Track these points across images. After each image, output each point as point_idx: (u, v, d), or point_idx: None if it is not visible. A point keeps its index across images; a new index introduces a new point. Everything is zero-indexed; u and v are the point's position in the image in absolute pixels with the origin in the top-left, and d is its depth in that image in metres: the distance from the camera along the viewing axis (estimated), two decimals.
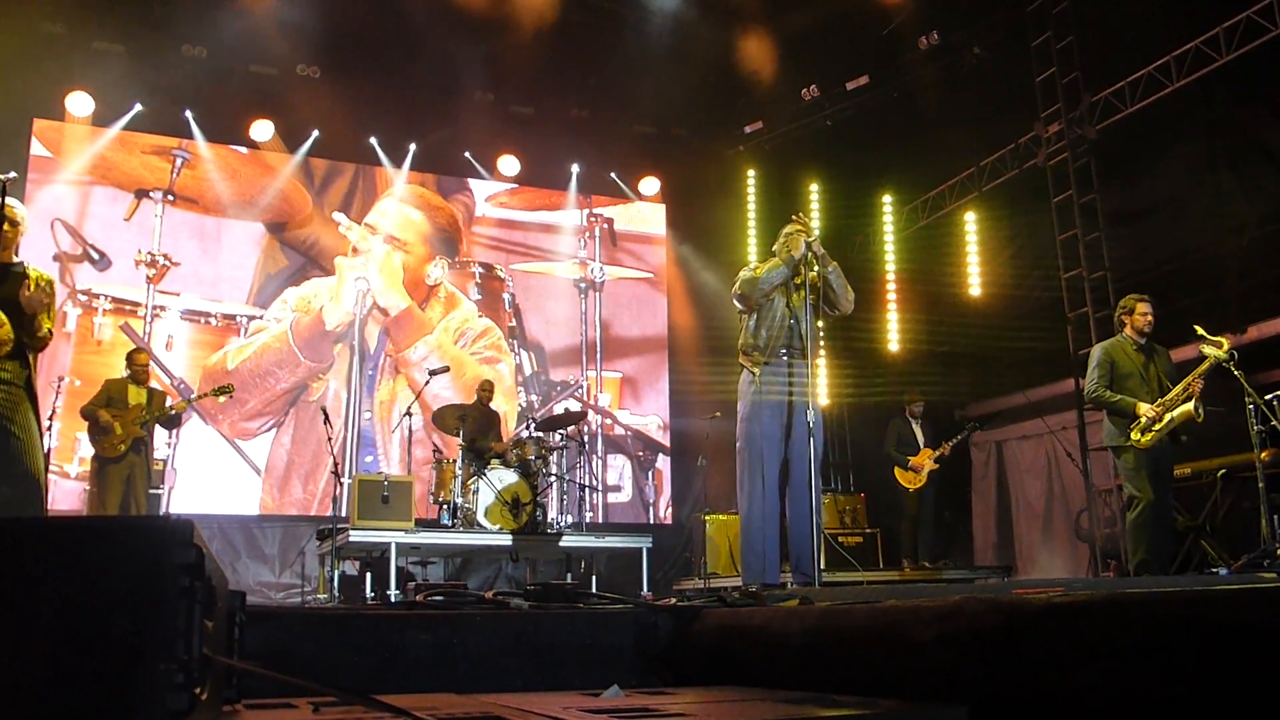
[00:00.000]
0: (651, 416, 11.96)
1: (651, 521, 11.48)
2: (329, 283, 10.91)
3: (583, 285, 12.08)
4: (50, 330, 4.77)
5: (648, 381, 12.10)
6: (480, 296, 11.49)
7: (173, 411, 8.34)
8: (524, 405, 11.35)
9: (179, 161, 10.56)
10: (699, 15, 10.09)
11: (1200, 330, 6.31)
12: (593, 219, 12.28)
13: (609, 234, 12.32)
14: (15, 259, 4.84)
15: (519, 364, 11.53)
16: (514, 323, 11.62)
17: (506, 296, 11.65)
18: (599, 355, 11.92)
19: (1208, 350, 6.23)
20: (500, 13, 9.91)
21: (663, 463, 11.86)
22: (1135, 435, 6.24)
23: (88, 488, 8.35)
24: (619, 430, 11.78)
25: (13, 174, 4.58)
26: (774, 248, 5.95)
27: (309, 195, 11.05)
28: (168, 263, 10.32)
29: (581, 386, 11.76)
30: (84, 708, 1.36)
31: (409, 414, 9.20)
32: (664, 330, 12.26)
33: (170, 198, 10.47)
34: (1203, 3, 8.24)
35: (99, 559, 1.44)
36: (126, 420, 7.85)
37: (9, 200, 4.56)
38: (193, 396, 8.96)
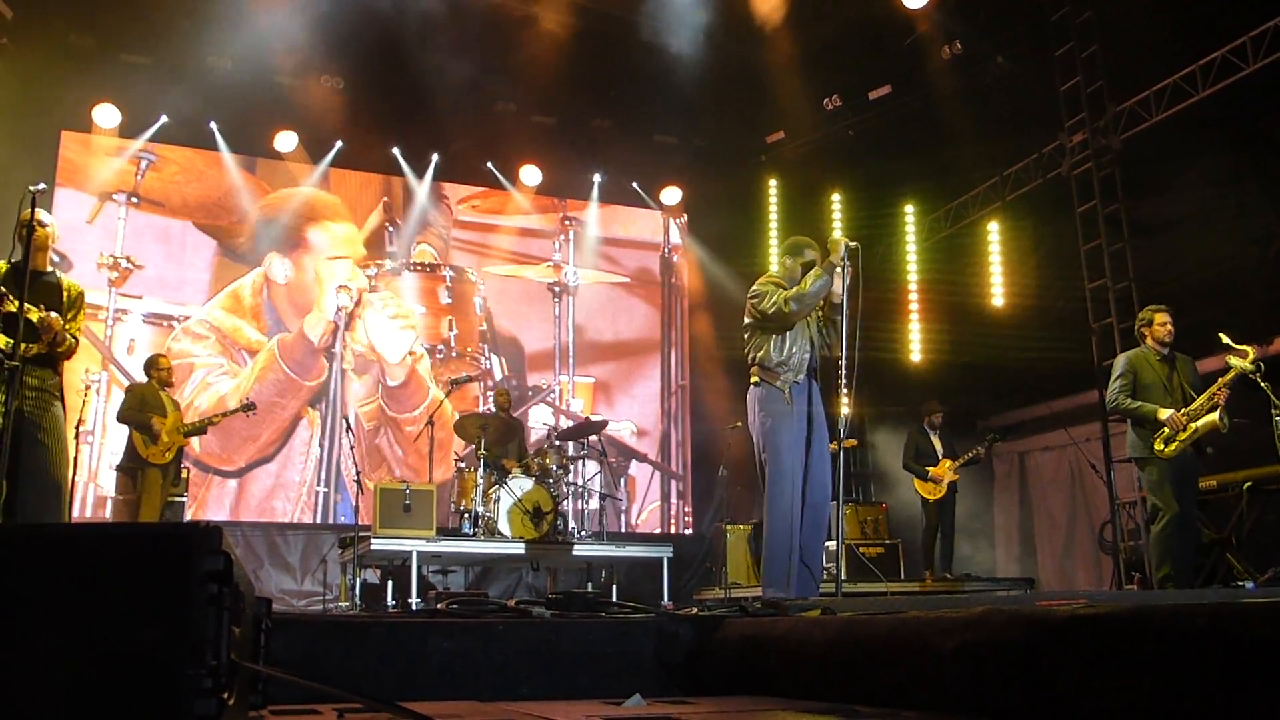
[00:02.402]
0: (625, 422, 11.80)
1: (623, 529, 11.34)
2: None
3: (556, 289, 11.95)
4: (75, 340, 4.84)
5: (621, 387, 11.95)
6: (450, 300, 11.35)
7: (208, 423, 8.46)
8: (492, 410, 11.19)
9: (144, 164, 10.47)
10: (721, 25, 10.10)
11: (1225, 339, 6.25)
12: (567, 222, 12.15)
13: (583, 237, 12.18)
14: (47, 268, 4.92)
15: (490, 368, 11.41)
16: (485, 326, 11.49)
17: (478, 300, 11.52)
18: (571, 359, 11.79)
19: (1233, 360, 6.17)
20: (523, 23, 9.97)
21: (635, 469, 11.71)
22: (1159, 446, 6.19)
23: (118, 495, 8.39)
24: (591, 436, 11.56)
25: (42, 185, 4.65)
26: (785, 261, 5.79)
27: (352, 226, 11.12)
28: (130, 265, 10.21)
29: (554, 391, 11.61)
30: (114, 712, 1.38)
31: (430, 423, 9.25)
32: (639, 334, 12.14)
33: (134, 200, 10.39)
34: (1229, 11, 8.17)
35: (129, 566, 1.46)
36: (169, 428, 7.90)
37: (38, 210, 4.63)
38: (226, 411, 8.95)
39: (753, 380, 5.63)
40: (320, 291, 10.92)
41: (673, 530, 11.74)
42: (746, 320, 5.72)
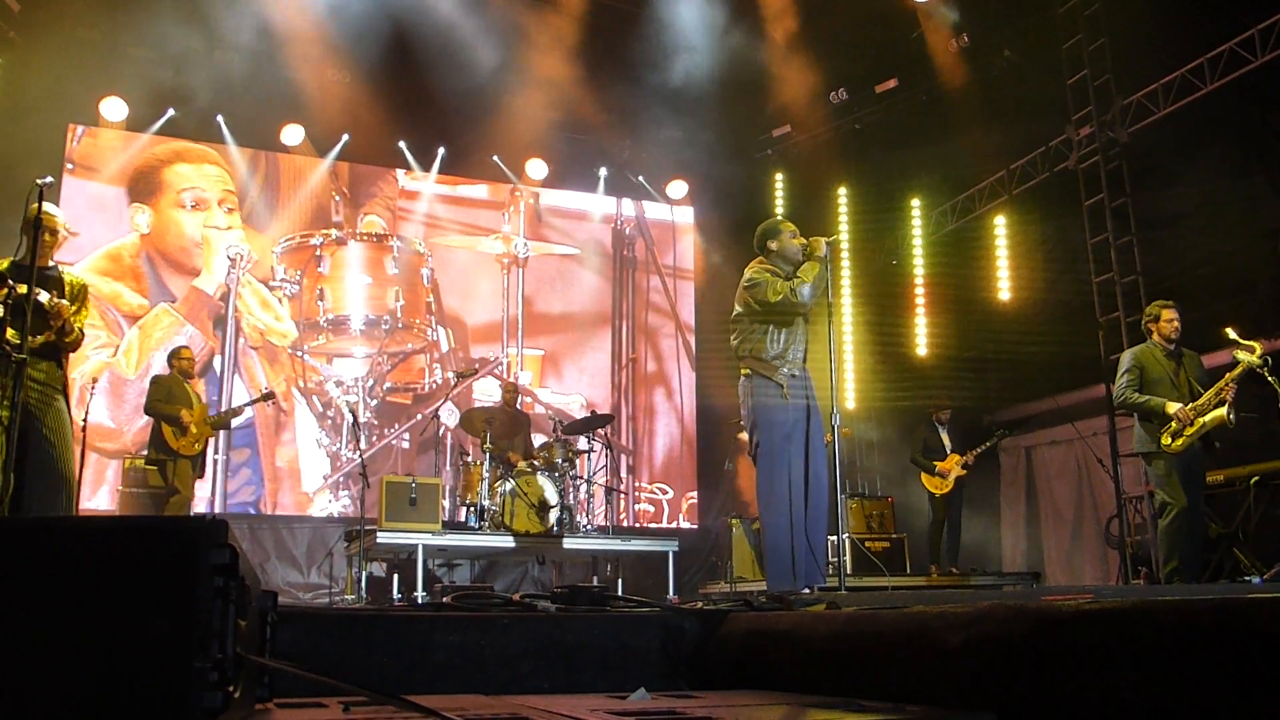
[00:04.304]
0: (574, 395, 11.64)
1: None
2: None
3: (505, 260, 11.77)
4: (82, 332, 4.86)
5: (570, 359, 11.82)
6: (397, 271, 11.17)
7: (231, 414, 8.51)
8: (438, 383, 11.01)
9: (79, 130, 10.28)
10: (727, 19, 10.09)
11: (1232, 334, 6.24)
12: (517, 194, 11.95)
13: (534, 209, 12.04)
14: (51, 263, 4.93)
15: (436, 340, 11.26)
16: (432, 298, 11.33)
17: (425, 271, 11.37)
18: (520, 332, 11.64)
19: (1240, 355, 6.16)
20: (529, 18, 9.97)
21: (583, 444, 11.62)
22: (1166, 441, 6.18)
23: (139, 487, 8.41)
24: (539, 409, 11.24)
25: (49, 179, 4.65)
26: (774, 246, 5.72)
27: (224, 169, 10.81)
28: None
29: (501, 364, 11.47)
30: (121, 706, 1.39)
31: (436, 416, 9.26)
32: (590, 307, 12.03)
33: (69, 166, 10.19)
34: (1237, 4, 8.14)
35: (136, 559, 1.47)
36: (197, 419, 7.93)
37: (46, 206, 4.63)
38: (246, 402, 8.98)
39: (744, 372, 5.56)
40: (209, 253, 10.61)
41: (622, 506, 11.52)
42: (738, 310, 5.62)
